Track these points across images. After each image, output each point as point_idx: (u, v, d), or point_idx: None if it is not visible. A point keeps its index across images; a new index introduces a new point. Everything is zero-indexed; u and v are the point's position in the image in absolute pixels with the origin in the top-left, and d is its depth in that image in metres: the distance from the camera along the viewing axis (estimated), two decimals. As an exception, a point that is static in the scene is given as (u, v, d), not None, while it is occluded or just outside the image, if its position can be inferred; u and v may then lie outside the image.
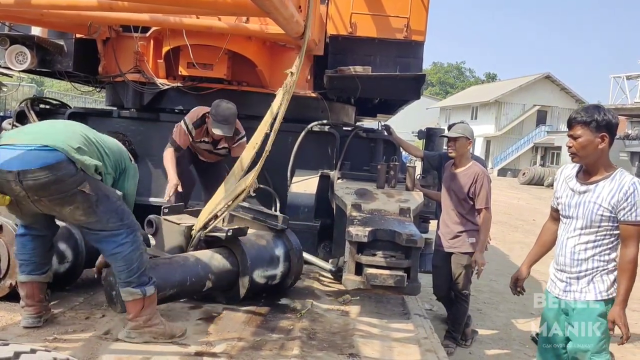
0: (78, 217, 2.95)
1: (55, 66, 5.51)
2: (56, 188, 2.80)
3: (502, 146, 47.89)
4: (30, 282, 3.16)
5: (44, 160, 2.76)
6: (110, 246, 3.03)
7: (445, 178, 5.26)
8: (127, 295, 3.02)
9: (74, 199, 2.87)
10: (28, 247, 3.16)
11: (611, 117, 3.04)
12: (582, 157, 3.08)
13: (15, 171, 2.74)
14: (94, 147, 3.09)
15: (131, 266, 3.02)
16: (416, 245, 3.62)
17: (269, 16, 3.25)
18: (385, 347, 3.29)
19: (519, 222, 16.01)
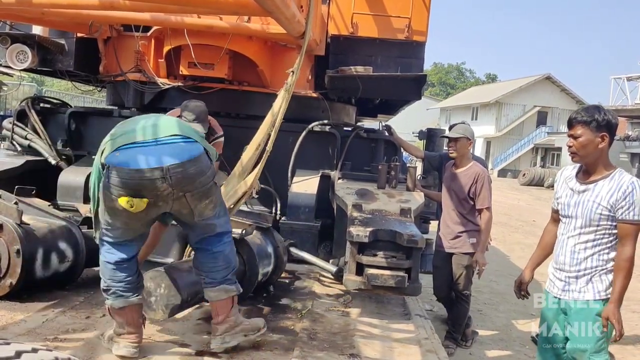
0: (207, 212, 2.90)
1: (56, 65, 5.50)
2: (200, 181, 2.77)
3: (503, 147, 47.88)
4: (129, 306, 2.92)
5: (189, 152, 2.74)
6: (215, 245, 2.99)
7: (446, 178, 5.26)
8: (222, 293, 2.99)
9: (210, 192, 2.86)
10: (122, 274, 2.91)
11: (611, 117, 3.07)
12: (582, 156, 3.11)
13: (164, 167, 2.65)
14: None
15: (230, 265, 3.04)
16: (417, 246, 3.61)
17: (270, 16, 3.25)
18: (385, 347, 3.29)
19: (519, 223, 16.01)
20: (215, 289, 2.99)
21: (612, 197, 3.01)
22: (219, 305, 3.00)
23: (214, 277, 2.99)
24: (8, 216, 3.56)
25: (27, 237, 3.54)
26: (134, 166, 2.64)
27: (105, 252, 2.92)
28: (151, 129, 2.78)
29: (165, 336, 3.18)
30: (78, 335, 3.06)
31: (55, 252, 3.73)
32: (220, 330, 2.98)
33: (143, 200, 2.66)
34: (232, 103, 5.68)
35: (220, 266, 2.99)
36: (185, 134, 2.81)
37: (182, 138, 2.77)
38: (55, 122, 5.91)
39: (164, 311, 3.12)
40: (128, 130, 2.79)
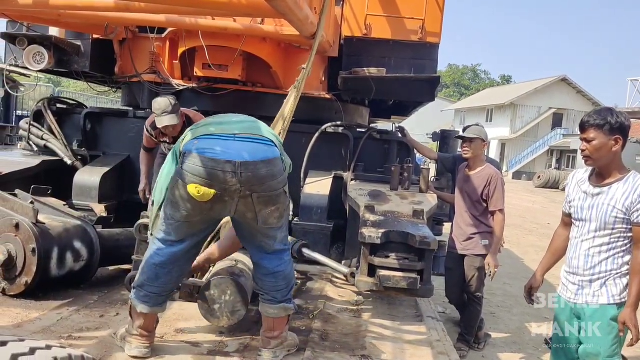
0: (272, 221, 2.84)
1: (72, 66, 5.56)
2: (270, 184, 2.73)
3: (517, 149, 47.57)
4: (151, 314, 2.92)
5: (264, 153, 2.71)
6: (274, 263, 2.97)
7: (459, 180, 5.24)
8: (281, 311, 2.99)
9: (278, 199, 2.80)
10: (162, 280, 2.89)
11: (624, 120, 3.03)
12: (596, 160, 3.06)
13: (237, 162, 2.63)
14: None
15: (290, 284, 3.04)
16: (430, 248, 3.60)
17: (284, 17, 3.26)
18: (397, 349, 3.29)
19: (533, 225, 15.89)
20: (275, 306, 2.99)
21: (628, 200, 2.97)
22: (276, 321, 3.00)
23: (274, 296, 2.98)
24: (24, 215, 3.60)
25: (42, 236, 3.58)
26: (210, 155, 2.64)
27: (154, 251, 2.90)
28: (232, 126, 2.79)
29: (178, 336, 3.19)
30: (92, 333, 3.09)
31: (71, 251, 3.77)
32: (272, 344, 2.99)
33: (211, 190, 2.63)
34: (245, 104, 5.69)
35: (281, 286, 2.98)
36: (264, 135, 2.80)
37: (260, 139, 2.76)
38: (71, 123, 5.97)
39: (229, 318, 3.16)
40: (210, 124, 2.82)
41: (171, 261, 2.88)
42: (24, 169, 5.20)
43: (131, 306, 2.94)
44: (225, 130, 2.72)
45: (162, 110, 4.69)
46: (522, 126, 47.84)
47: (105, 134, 6.00)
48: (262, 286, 3.01)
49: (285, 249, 3.02)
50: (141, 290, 2.88)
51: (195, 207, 2.72)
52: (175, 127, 4.83)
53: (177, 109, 4.77)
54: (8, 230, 3.56)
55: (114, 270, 4.47)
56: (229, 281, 3.17)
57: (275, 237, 2.93)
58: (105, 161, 5.72)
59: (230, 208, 2.76)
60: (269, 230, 2.88)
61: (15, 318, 3.23)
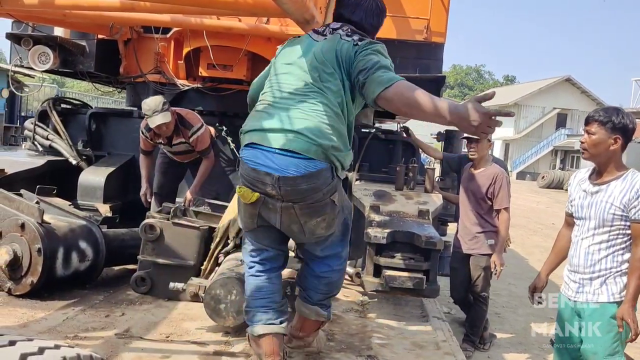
0: (319, 231, 2.70)
1: (77, 67, 5.57)
2: (312, 196, 2.57)
3: (521, 149, 47.52)
4: (270, 335, 2.74)
5: (305, 169, 2.51)
6: (322, 268, 2.86)
7: (464, 179, 5.23)
8: (313, 314, 2.88)
9: (324, 209, 2.65)
10: (265, 289, 2.80)
11: (628, 122, 3.08)
12: (593, 154, 3.14)
13: (276, 176, 2.51)
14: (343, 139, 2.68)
15: (331, 291, 2.93)
16: (435, 248, 3.59)
17: (290, 17, 3.26)
18: (403, 349, 3.28)
19: (538, 225, 15.87)
20: (308, 306, 2.89)
21: (625, 197, 3.02)
22: (306, 322, 2.93)
23: (311, 295, 2.89)
24: (30, 215, 3.60)
25: (48, 236, 3.58)
26: (252, 165, 2.59)
27: (246, 259, 2.89)
28: (275, 134, 2.56)
29: (184, 336, 3.19)
30: (97, 333, 3.09)
31: (76, 251, 3.78)
32: (293, 343, 2.96)
33: (255, 193, 2.61)
34: (250, 104, 5.69)
35: (321, 290, 2.87)
36: (303, 153, 2.51)
37: (301, 156, 2.51)
38: (76, 123, 5.98)
39: (235, 318, 3.16)
40: (254, 129, 2.64)
41: (264, 270, 2.83)
42: (29, 169, 5.21)
43: (248, 337, 2.87)
44: (266, 141, 2.57)
45: (152, 110, 4.71)
46: (526, 126, 47.78)
47: (110, 134, 6.01)
48: (302, 283, 2.93)
49: (334, 254, 2.86)
50: (249, 312, 2.82)
51: (247, 211, 2.72)
52: (168, 125, 4.84)
53: (167, 107, 4.80)
54: (14, 230, 3.56)
55: (119, 270, 4.48)
56: (235, 281, 3.17)
57: (325, 244, 2.81)
58: (110, 161, 5.73)
59: (275, 219, 2.67)
60: (317, 240, 2.78)
61: (21, 318, 3.23)
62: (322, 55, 2.66)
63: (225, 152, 5.68)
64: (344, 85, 2.63)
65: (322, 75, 2.63)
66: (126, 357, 2.79)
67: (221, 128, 5.50)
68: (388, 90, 2.41)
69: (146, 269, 3.79)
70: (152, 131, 4.98)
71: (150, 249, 3.78)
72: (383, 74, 2.47)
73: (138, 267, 3.81)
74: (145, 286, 3.79)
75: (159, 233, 3.76)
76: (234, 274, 3.24)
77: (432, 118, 2.37)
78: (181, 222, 3.84)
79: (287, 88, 2.67)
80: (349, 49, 2.62)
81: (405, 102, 2.41)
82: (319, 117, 2.56)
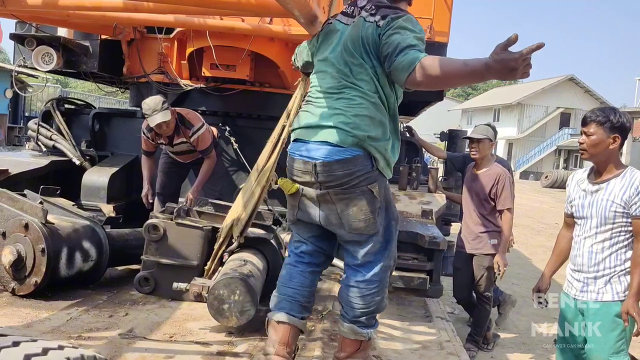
0: (356, 224, 2.68)
1: (81, 67, 5.57)
2: (348, 181, 2.62)
3: (525, 149, 47.46)
4: (288, 325, 2.79)
5: (341, 154, 2.60)
6: (357, 277, 2.78)
7: (467, 179, 5.23)
8: (350, 333, 2.80)
9: (360, 198, 2.65)
10: (296, 280, 2.87)
11: (625, 120, 3.14)
12: (592, 154, 3.19)
13: (313, 162, 2.64)
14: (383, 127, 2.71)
15: (368, 308, 2.78)
16: (439, 248, 3.60)
17: (292, 17, 3.25)
18: (407, 349, 3.28)
19: (541, 225, 15.85)
20: (344, 324, 2.82)
21: (625, 194, 3.06)
22: (345, 341, 2.83)
23: (346, 311, 2.81)
24: (33, 215, 3.60)
25: (51, 236, 3.58)
26: (294, 156, 2.76)
27: (289, 248, 3.01)
28: (315, 130, 2.70)
29: (187, 336, 3.19)
30: (101, 333, 3.09)
31: (79, 251, 3.78)
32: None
33: (294, 185, 2.75)
34: (253, 104, 5.70)
35: (356, 304, 2.77)
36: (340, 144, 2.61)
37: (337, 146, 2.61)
38: (80, 123, 5.99)
39: (238, 318, 3.15)
40: (301, 127, 2.78)
41: (300, 261, 2.92)
42: (33, 169, 5.22)
43: (266, 321, 2.90)
44: (307, 136, 2.72)
45: (152, 109, 4.73)
46: (530, 126, 47.73)
47: (113, 134, 6.02)
48: (340, 297, 2.87)
49: (373, 262, 2.77)
50: (275, 298, 2.90)
51: (288, 203, 2.88)
52: (168, 124, 4.85)
53: (166, 105, 4.82)
54: (17, 231, 3.56)
55: (123, 270, 4.48)
56: (238, 281, 3.17)
57: (366, 247, 2.75)
58: (113, 161, 5.74)
59: (315, 213, 2.75)
60: (359, 237, 2.74)
61: (24, 318, 3.23)
62: (351, 46, 2.69)
63: (229, 152, 5.69)
64: (376, 71, 2.65)
65: (352, 69, 2.67)
66: (130, 357, 2.79)
67: (224, 128, 5.51)
68: (413, 75, 2.39)
69: (149, 269, 3.79)
70: (154, 131, 4.99)
71: (153, 249, 3.78)
72: (404, 58, 2.43)
73: (141, 267, 3.81)
74: (149, 286, 3.79)
75: (163, 233, 3.75)
76: (237, 274, 3.24)
77: (469, 81, 2.38)
78: (185, 222, 3.83)
79: (324, 87, 2.77)
80: (372, 33, 2.61)
81: (434, 79, 2.38)
82: (354, 110, 2.63)
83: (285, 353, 2.73)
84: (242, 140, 5.53)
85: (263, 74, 5.48)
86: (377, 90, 2.65)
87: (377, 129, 2.64)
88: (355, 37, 2.67)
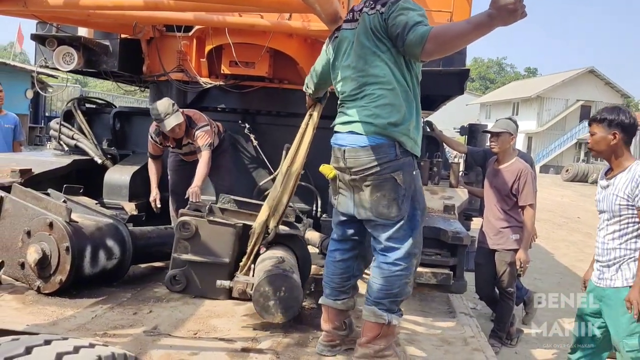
0: (383, 210, 2.81)
1: (101, 66, 5.62)
2: (372, 169, 2.78)
3: (545, 142, 46.98)
4: (326, 306, 3.08)
5: (365, 141, 2.80)
6: (379, 258, 2.89)
7: (488, 174, 5.19)
8: (370, 315, 2.86)
9: (383, 185, 2.79)
10: (328, 269, 3.11)
11: (624, 118, 3.40)
12: (597, 151, 3.53)
13: (342, 149, 2.87)
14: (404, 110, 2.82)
15: (390, 290, 2.85)
16: (462, 243, 3.56)
17: (313, 12, 3.25)
18: (431, 345, 3.26)
19: (563, 219, 15.69)
20: (367, 307, 2.90)
21: (628, 188, 3.30)
22: (366, 325, 2.89)
23: (369, 293, 2.90)
24: (57, 214, 3.63)
25: (75, 235, 3.61)
26: (333, 145, 3.00)
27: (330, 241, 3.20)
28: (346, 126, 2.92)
29: (211, 333, 3.20)
30: (126, 331, 3.11)
31: (103, 249, 3.80)
32: (359, 352, 2.89)
33: (333, 171, 3.00)
34: (272, 101, 5.70)
35: (377, 285, 2.86)
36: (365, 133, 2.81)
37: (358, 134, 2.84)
38: (101, 122, 6.04)
39: (284, 315, 3.18)
40: (338, 123, 3.00)
41: (337, 248, 3.13)
42: (56, 168, 5.26)
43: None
44: (341, 129, 2.95)
45: (164, 113, 4.72)
46: (549, 119, 47.21)
47: (134, 132, 6.06)
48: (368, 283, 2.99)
49: (397, 247, 2.84)
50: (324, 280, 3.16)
51: (332, 186, 3.10)
52: (180, 126, 4.85)
53: (176, 107, 4.84)
54: (42, 229, 3.60)
55: (146, 267, 4.50)
56: (283, 278, 3.19)
57: (391, 231, 2.84)
58: (134, 160, 5.77)
59: (350, 202, 2.96)
60: (384, 222, 2.84)
61: (50, 316, 3.26)
62: (363, 39, 2.83)
63: (248, 149, 5.69)
64: (391, 54, 2.78)
65: (367, 59, 2.82)
66: (155, 355, 2.80)
67: (244, 125, 5.52)
68: (426, 46, 2.54)
69: (180, 267, 3.78)
70: (162, 135, 5.00)
71: (184, 247, 3.77)
72: (414, 35, 2.58)
73: (171, 266, 3.80)
74: (180, 284, 3.77)
75: (195, 231, 3.74)
76: (280, 270, 3.25)
77: (478, 35, 2.45)
78: (217, 219, 3.81)
79: (347, 90, 2.94)
80: (379, 21, 2.75)
81: (446, 45, 2.54)
82: (375, 103, 2.79)
83: (329, 328, 3.05)
84: (261, 137, 5.53)
85: (282, 70, 5.48)
86: (394, 73, 2.78)
87: (397, 114, 2.77)
88: (364, 31, 2.82)
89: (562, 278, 8.35)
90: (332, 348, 3.00)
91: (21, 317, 3.18)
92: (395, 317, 2.89)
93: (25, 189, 3.87)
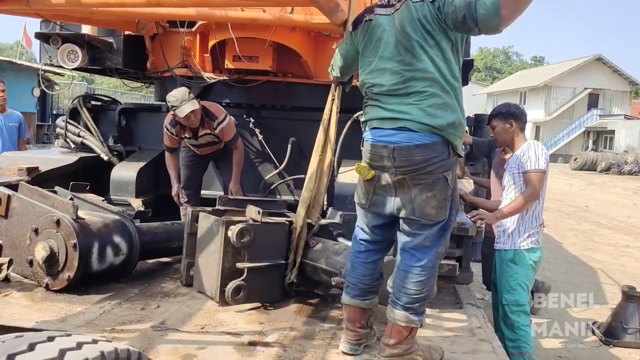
0: (429, 210, 2.71)
1: (106, 63, 5.62)
2: (425, 167, 2.66)
3: (553, 131, 46.79)
4: (353, 306, 2.98)
5: (420, 139, 2.65)
6: (410, 261, 2.80)
7: (495, 164, 5.16)
8: (401, 320, 2.79)
9: (435, 185, 2.69)
10: (358, 271, 2.98)
11: (514, 109, 4.34)
12: (501, 141, 4.41)
13: (391, 147, 2.69)
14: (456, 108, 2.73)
15: (420, 294, 2.78)
16: (468, 234, 3.56)
17: (315, 5, 3.24)
18: (438, 336, 3.26)
19: (571, 208, 15.63)
20: (395, 311, 2.82)
21: (519, 160, 4.14)
22: (394, 328, 2.82)
23: (398, 297, 2.81)
24: (64, 212, 3.66)
25: (83, 232, 3.63)
26: (372, 141, 2.80)
27: (353, 242, 3.08)
28: (392, 122, 2.72)
29: (218, 327, 3.22)
30: (134, 326, 3.13)
31: (110, 246, 3.82)
32: (386, 352, 2.84)
33: (371, 171, 2.81)
34: (277, 95, 5.70)
35: (409, 290, 2.78)
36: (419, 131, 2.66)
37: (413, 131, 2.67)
38: (106, 119, 6.05)
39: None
40: (375, 118, 2.82)
41: (363, 250, 3.01)
42: (62, 166, 5.28)
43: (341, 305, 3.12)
44: (385, 124, 2.76)
45: (180, 99, 4.75)
46: (557, 108, 47.01)
47: (139, 129, 6.07)
48: (393, 282, 2.88)
49: (429, 247, 2.79)
50: (345, 279, 3.08)
51: (363, 188, 2.91)
52: (196, 114, 4.86)
53: (192, 95, 4.87)
54: (49, 227, 3.62)
55: (153, 263, 4.53)
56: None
57: (429, 233, 2.77)
58: (140, 156, 5.79)
59: (389, 202, 2.82)
60: (427, 222, 2.75)
61: (59, 312, 3.29)
62: (410, 30, 2.67)
63: (254, 143, 5.70)
64: (440, 47, 2.67)
65: (415, 53, 2.67)
66: (162, 349, 2.82)
67: (249, 120, 5.52)
68: (502, 15, 2.44)
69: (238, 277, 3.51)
70: (178, 126, 5.02)
71: (242, 255, 3.55)
72: (484, 9, 2.46)
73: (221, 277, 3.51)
74: (244, 294, 3.51)
75: (253, 236, 3.52)
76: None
77: None
78: (270, 220, 3.70)
79: (387, 84, 2.76)
80: (430, 10, 2.63)
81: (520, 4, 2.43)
82: (428, 102, 2.65)
83: (356, 327, 2.95)
84: (266, 131, 5.54)
85: (286, 64, 5.47)
86: (441, 70, 2.66)
87: (454, 114, 2.67)
88: (410, 20, 2.66)
89: (570, 267, 8.34)
90: (358, 347, 2.94)
91: (30, 314, 3.20)
92: (423, 317, 2.88)
93: (32, 187, 3.90)
